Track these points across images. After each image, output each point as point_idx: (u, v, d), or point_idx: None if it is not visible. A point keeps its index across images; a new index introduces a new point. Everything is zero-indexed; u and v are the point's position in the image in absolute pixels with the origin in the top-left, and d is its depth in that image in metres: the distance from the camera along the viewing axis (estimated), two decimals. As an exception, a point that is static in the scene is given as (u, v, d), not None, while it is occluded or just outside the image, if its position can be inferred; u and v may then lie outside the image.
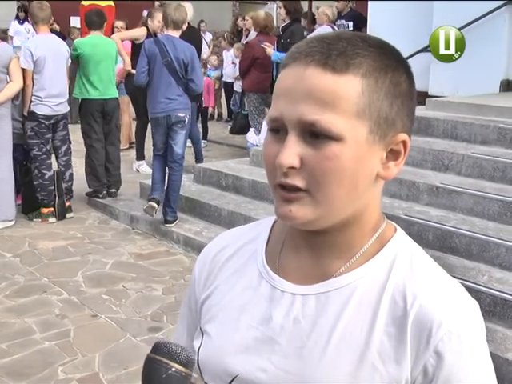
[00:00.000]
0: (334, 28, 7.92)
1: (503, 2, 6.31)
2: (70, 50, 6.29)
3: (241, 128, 8.32)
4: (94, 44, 6.50)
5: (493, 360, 0.93)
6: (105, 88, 6.53)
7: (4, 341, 3.86)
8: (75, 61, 6.47)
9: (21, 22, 13.92)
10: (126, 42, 7.85)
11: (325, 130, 0.86)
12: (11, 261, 5.18)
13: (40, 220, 6.12)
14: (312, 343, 0.92)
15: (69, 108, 6.36)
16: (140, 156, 8.06)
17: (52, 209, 6.14)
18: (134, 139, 8.57)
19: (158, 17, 6.98)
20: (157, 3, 9.88)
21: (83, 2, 11.16)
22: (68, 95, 6.34)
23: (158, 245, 5.61)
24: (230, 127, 9.51)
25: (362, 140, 0.88)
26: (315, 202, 0.88)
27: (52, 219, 6.14)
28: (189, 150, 8.27)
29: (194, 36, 7.65)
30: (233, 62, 10.67)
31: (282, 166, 0.87)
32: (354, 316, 0.92)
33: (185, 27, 5.80)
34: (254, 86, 7.79)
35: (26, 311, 4.27)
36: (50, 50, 5.98)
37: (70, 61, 6.34)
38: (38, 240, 5.64)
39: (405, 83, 0.91)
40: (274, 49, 7.31)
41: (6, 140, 5.82)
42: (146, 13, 8.86)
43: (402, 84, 0.91)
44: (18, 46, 9.32)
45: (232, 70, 10.72)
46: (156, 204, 5.66)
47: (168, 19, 5.59)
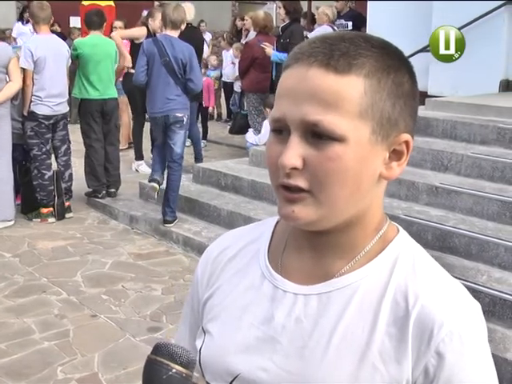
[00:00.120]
0: (334, 28, 7.92)
1: (502, 1, 6.31)
2: (70, 50, 6.29)
3: (240, 128, 8.32)
4: (93, 44, 6.49)
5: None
6: (104, 88, 6.53)
7: (3, 341, 3.86)
8: (75, 61, 6.47)
9: (24, 22, 13.90)
10: (125, 41, 7.84)
11: (327, 130, 0.86)
12: (10, 261, 5.18)
13: (39, 220, 6.12)
14: (313, 343, 0.93)
15: (68, 108, 6.36)
16: (139, 156, 8.05)
17: (51, 209, 6.14)
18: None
19: (159, 17, 6.98)
20: (156, 3, 9.85)
21: (83, 2, 11.15)
22: (68, 95, 6.34)
23: (157, 245, 5.61)
24: (229, 127, 9.51)
25: (365, 140, 0.88)
26: (318, 202, 0.88)
27: (51, 219, 6.13)
28: (188, 150, 8.28)
29: (195, 36, 7.65)
30: (232, 62, 10.66)
31: (284, 167, 0.87)
32: (355, 316, 0.92)
33: (183, 27, 5.79)
34: (253, 86, 7.79)
35: (26, 311, 4.26)
36: (50, 50, 5.97)
37: (71, 61, 6.34)
38: (38, 240, 5.64)
39: (407, 83, 0.91)
40: (274, 49, 7.31)
41: (5, 140, 5.82)
42: (145, 13, 8.85)
43: (405, 84, 0.91)
44: (17, 46, 9.30)
45: (231, 70, 10.71)
46: (157, 184, 5.67)
47: (166, 19, 5.60)
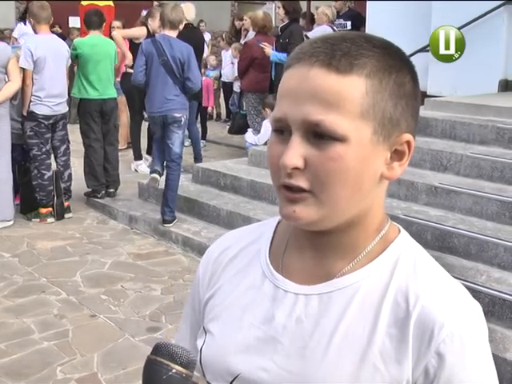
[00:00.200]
0: (334, 28, 7.92)
1: (502, 1, 6.31)
2: (69, 50, 6.29)
3: (239, 128, 8.31)
4: (93, 44, 6.49)
5: (491, 360, 0.93)
6: (104, 88, 6.52)
7: (2, 341, 3.86)
8: (74, 61, 6.46)
9: (26, 23, 13.89)
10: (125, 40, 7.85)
11: (329, 130, 0.86)
12: (10, 261, 5.18)
13: (38, 220, 6.12)
14: (314, 343, 0.93)
15: (68, 108, 6.35)
16: (138, 156, 8.05)
17: (50, 209, 6.13)
18: (132, 139, 8.57)
19: (159, 17, 6.98)
20: (155, 3, 9.84)
21: (82, 2, 11.15)
22: (67, 95, 6.34)
23: (156, 245, 5.60)
24: (228, 127, 9.50)
25: (367, 140, 0.87)
26: (319, 202, 0.88)
27: (50, 219, 6.13)
28: (188, 150, 8.27)
29: (195, 36, 7.66)
30: (231, 62, 10.65)
31: (286, 167, 0.87)
32: (356, 316, 0.92)
33: (181, 27, 5.82)
34: (252, 86, 7.79)
35: (25, 311, 4.26)
36: (50, 50, 5.97)
37: (71, 61, 6.33)
38: (37, 240, 5.64)
39: (409, 84, 0.91)
40: (273, 49, 7.31)
41: (4, 140, 5.81)
42: (144, 12, 8.85)
43: (407, 84, 0.91)
44: (17, 46, 9.29)
45: (231, 70, 10.70)
46: (157, 175, 5.73)
47: (165, 19, 5.63)
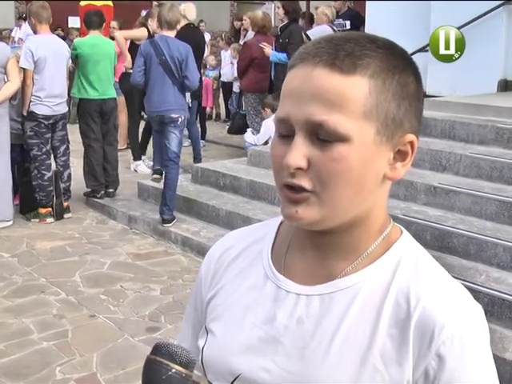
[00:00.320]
0: (333, 28, 7.92)
1: (501, 1, 6.31)
2: (70, 51, 6.29)
3: (239, 128, 8.30)
4: (93, 44, 6.49)
5: (490, 360, 0.93)
6: (103, 88, 6.52)
7: (2, 341, 3.86)
8: (74, 61, 6.46)
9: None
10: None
11: (332, 130, 0.85)
12: (9, 261, 5.17)
13: (38, 220, 6.12)
14: (315, 344, 0.92)
15: (67, 108, 6.35)
16: (137, 156, 8.05)
17: (50, 209, 6.13)
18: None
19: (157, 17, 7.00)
20: (155, 3, 9.84)
21: (81, 3, 11.17)
22: (67, 95, 6.34)
23: (155, 245, 5.60)
24: (227, 127, 9.50)
25: (370, 141, 0.87)
26: (321, 202, 0.88)
27: (50, 219, 6.13)
28: (187, 150, 8.27)
29: (196, 36, 7.68)
30: (231, 62, 10.66)
31: (289, 167, 0.87)
32: (357, 317, 0.91)
33: (179, 27, 5.88)
34: (251, 86, 7.79)
35: (24, 311, 4.26)
36: (50, 50, 5.97)
37: (71, 61, 6.33)
38: (36, 240, 5.64)
39: (412, 84, 0.91)
40: (272, 49, 7.31)
41: (3, 140, 5.81)
42: (144, 13, 8.85)
43: (410, 85, 0.90)
44: (16, 46, 9.30)
45: (230, 70, 10.71)
46: (158, 174, 5.85)
47: (162, 20, 5.69)
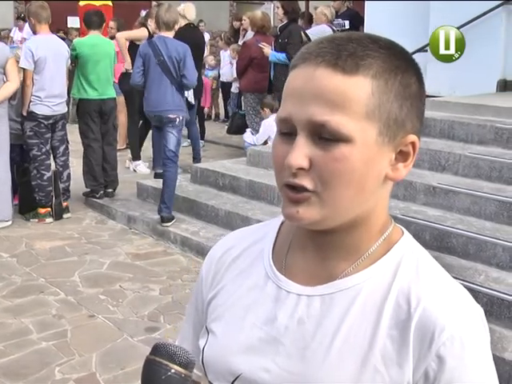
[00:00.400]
0: (333, 28, 7.93)
1: (500, 1, 6.31)
2: (69, 51, 6.29)
3: (238, 128, 8.30)
4: (93, 44, 6.50)
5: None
6: (103, 88, 6.52)
7: (1, 341, 3.86)
8: (74, 61, 6.45)
9: None
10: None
11: (334, 131, 0.85)
12: (8, 261, 5.17)
13: (37, 220, 6.11)
14: (316, 344, 0.92)
15: (67, 108, 6.35)
16: (136, 156, 8.04)
17: (49, 209, 6.13)
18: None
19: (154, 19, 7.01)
20: (154, 3, 9.84)
21: (80, 3, 11.17)
22: (67, 95, 6.34)
23: (155, 245, 5.60)
24: (227, 127, 9.50)
25: (372, 141, 0.87)
26: (323, 202, 0.88)
27: (49, 219, 6.12)
28: (187, 150, 8.27)
29: (196, 35, 7.71)
30: (230, 62, 10.66)
31: (291, 167, 0.87)
32: (358, 318, 0.91)
33: (177, 27, 5.92)
34: (251, 86, 7.79)
35: (23, 311, 4.26)
36: (50, 50, 5.97)
37: (70, 61, 6.33)
38: (35, 240, 5.63)
39: (414, 85, 0.91)
40: (272, 49, 7.31)
41: (2, 140, 5.80)
42: (143, 13, 8.85)
43: (412, 86, 0.90)
44: (15, 46, 9.30)
45: (229, 70, 10.71)
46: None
47: (159, 21, 5.75)
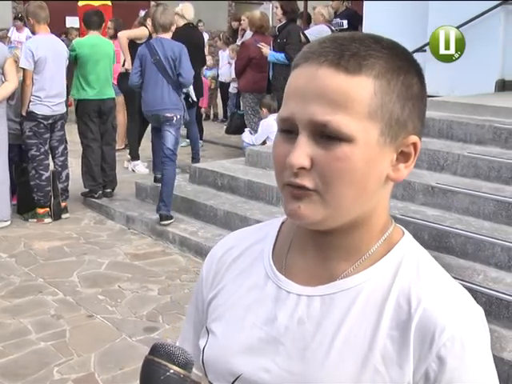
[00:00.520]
0: (331, 28, 7.94)
1: (498, 1, 6.32)
2: (68, 51, 6.28)
3: (236, 128, 8.30)
4: (92, 44, 6.50)
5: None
6: (102, 88, 6.53)
7: (-1, 341, 3.86)
8: (73, 62, 6.44)
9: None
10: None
11: (336, 131, 0.85)
12: (7, 261, 5.17)
13: (35, 220, 6.11)
14: (316, 344, 0.92)
15: (66, 108, 6.35)
16: (134, 156, 8.04)
17: (47, 209, 6.12)
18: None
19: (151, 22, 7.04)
20: (153, 3, 9.85)
21: (79, 3, 11.15)
22: (66, 96, 6.33)
23: (153, 245, 5.60)
24: (225, 127, 9.50)
25: (373, 142, 0.87)
26: (324, 202, 0.88)
27: (47, 219, 6.12)
28: (186, 150, 8.27)
29: (195, 35, 7.73)
30: (228, 62, 10.66)
31: (292, 166, 0.86)
32: (358, 318, 0.91)
33: (173, 28, 5.99)
34: (249, 86, 7.78)
35: (22, 311, 4.26)
36: (50, 50, 5.97)
37: (68, 61, 6.32)
38: (34, 240, 5.63)
39: (416, 85, 0.91)
40: (270, 49, 7.31)
41: (1, 140, 5.80)
42: (142, 13, 8.85)
43: (414, 86, 0.91)
44: (13, 46, 9.29)
45: (228, 71, 10.71)
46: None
47: (156, 24, 5.85)
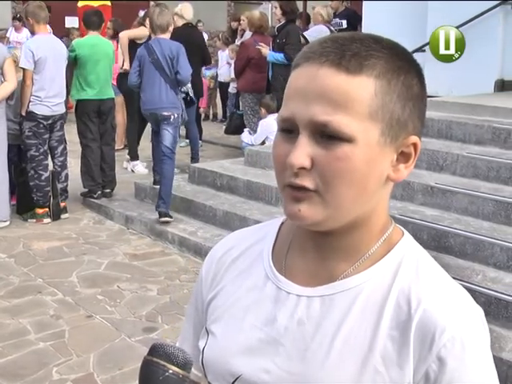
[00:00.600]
0: (330, 28, 7.94)
1: (497, 1, 6.32)
2: (67, 51, 6.28)
3: (236, 128, 8.30)
4: (92, 44, 6.50)
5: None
6: (102, 88, 6.53)
7: (-2, 341, 3.86)
8: (73, 62, 6.43)
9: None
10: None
11: (337, 131, 0.85)
12: (6, 261, 5.17)
13: (35, 220, 6.11)
14: (316, 345, 0.92)
15: (65, 108, 6.35)
16: (134, 156, 8.03)
17: (47, 209, 6.12)
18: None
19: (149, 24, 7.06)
20: (152, 3, 9.85)
21: (78, 3, 11.16)
22: (66, 96, 6.33)
23: (152, 245, 5.60)
24: (224, 127, 9.50)
25: (374, 142, 0.87)
26: (324, 202, 0.88)
27: (47, 219, 6.12)
28: (185, 150, 8.27)
29: (195, 35, 7.74)
30: (228, 63, 10.66)
31: (293, 166, 0.86)
32: (358, 319, 0.91)
33: (171, 29, 6.02)
34: (249, 86, 7.78)
35: (21, 312, 4.25)
36: (50, 51, 5.97)
37: (67, 62, 6.32)
38: (33, 240, 5.63)
39: (416, 86, 0.91)
40: (270, 49, 7.31)
41: (0, 141, 5.79)
42: (142, 13, 8.85)
43: (414, 86, 0.91)
44: (12, 46, 9.28)
45: (227, 71, 10.70)
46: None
47: (153, 25, 5.92)
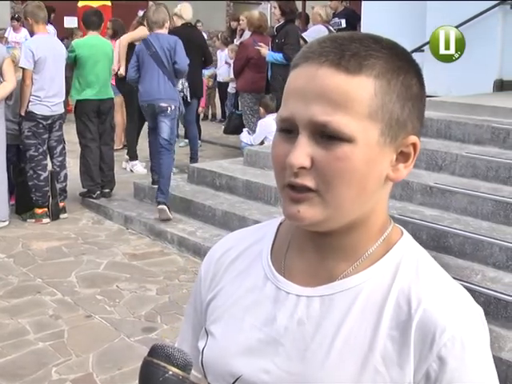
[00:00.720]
0: (329, 28, 7.94)
1: (496, 1, 6.32)
2: (66, 52, 6.28)
3: (235, 128, 8.30)
4: (92, 44, 6.50)
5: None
6: (102, 88, 6.53)
7: (-2, 342, 3.86)
8: (72, 62, 6.42)
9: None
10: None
11: (336, 131, 0.85)
12: (5, 261, 5.16)
13: (34, 220, 6.10)
14: (316, 345, 0.92)
15: (64, 109, 6.35)
16: (133, 156, 8.03)
17: (46, 209, 6.12)
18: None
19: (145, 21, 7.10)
20: (151, 3, 9.85)
21: (78, 3, 11.16)
22: (65, 96, 6.33)
23: (152, 245, 5.60)
24: (223, 127, 9.50)
25: (374, 142, 0.87)
26: (324, 202, 0.88)
27: (46, 219, 6.12)
28: (184, 150, 8.27)
29: (195, 34, 7.75)
30: (227, 62, 10.66)
31: (292, 166, 0.86)
32: (358, 319, 0.91)
33: (167, 25, 6.12)
34: (248, 86, 7.78)
35: (20, 312, 4.25)
36: (50, 51, 5.98)
37: (65, 62, 6.32)
38: (32, 240, 5.63)
39: (416, 86, 0.91)
40: (269, 49, 7.30)
41: (-1, 140, 5.80)
42: (141, 13, 8.85)
43: (413, 86, 0.91)
44: (11, 46, 9.28)
45: (226, 70, 10.70)
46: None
47: (149, 22, 6.06)
